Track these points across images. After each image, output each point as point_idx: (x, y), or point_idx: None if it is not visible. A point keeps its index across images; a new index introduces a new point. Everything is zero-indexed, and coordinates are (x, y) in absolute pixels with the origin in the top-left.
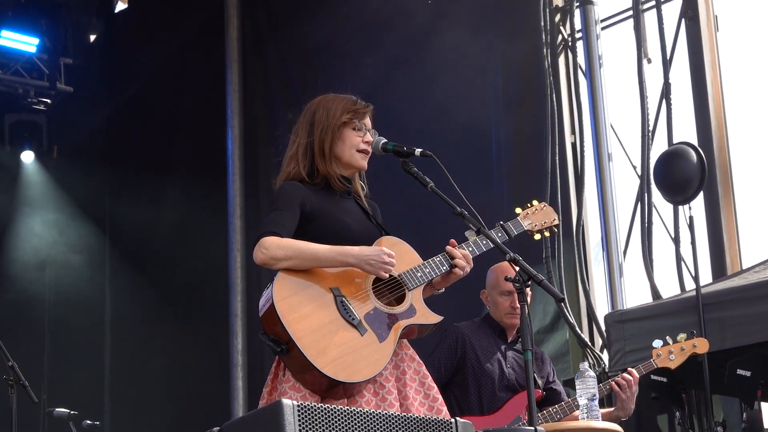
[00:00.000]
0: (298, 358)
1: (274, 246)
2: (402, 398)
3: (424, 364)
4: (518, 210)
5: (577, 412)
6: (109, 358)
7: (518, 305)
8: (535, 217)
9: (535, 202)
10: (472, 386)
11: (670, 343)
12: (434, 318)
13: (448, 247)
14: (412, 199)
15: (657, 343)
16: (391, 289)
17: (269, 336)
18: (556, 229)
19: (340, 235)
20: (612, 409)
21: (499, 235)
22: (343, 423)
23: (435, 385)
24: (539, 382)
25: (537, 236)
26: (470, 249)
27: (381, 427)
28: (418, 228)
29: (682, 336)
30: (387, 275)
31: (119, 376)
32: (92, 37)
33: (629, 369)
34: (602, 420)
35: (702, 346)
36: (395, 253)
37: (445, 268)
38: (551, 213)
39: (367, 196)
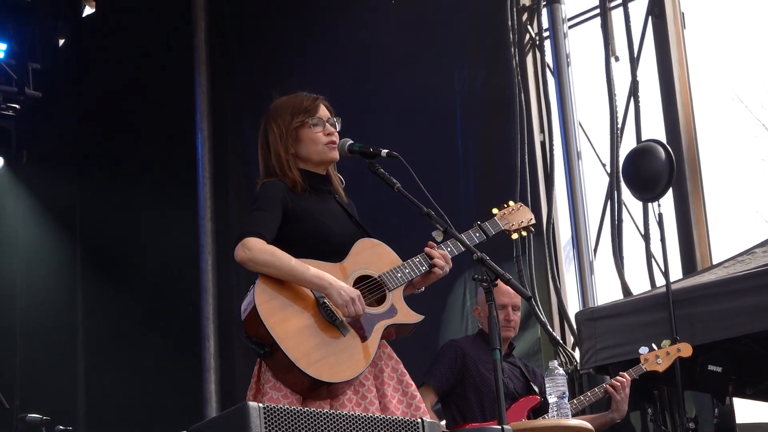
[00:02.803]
0: (282, 360)
1: (258, 249)
2: (380, 396)
3: (401, 363)
4: (495, 210)
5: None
6: (82, 363)
7: (512, 318)
8: (512, 216)
9: (511, 203)
10: (473, 395)
11: (656, 349)
12: (415, 317)
13: (427, 248)
14: (377, 200)
15: (643, 350)
16: (371, 290)
17: (252, 339)
18: (533, 229)
19: (320, 236)
20: (604, 413)
21: (477, 234)
22: (309, 425)
23: (413, 383)
24: (535, 389)
25: (515, 236)
26: (449, 249)
27: (348, 428)
28: (383, 229)
29: (666, 342)
30: (344, 318)
31: (92, 381)
32: (61, 42)
33: (621, 372)
34: (594, 424)
35: (686, 350)
36: (375, 255)
37: (424, 268)
38: (527, 213)
39: (342, 186)
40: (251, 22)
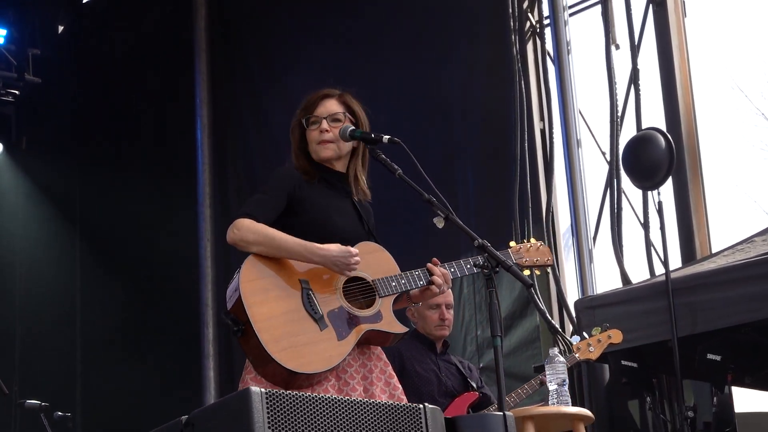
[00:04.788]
0: (252, 341)
1: (246, 228)
2: (368, 396)
3: (390, 365)
4: (512, 244)
5: None
6: (80, 349)
7: (446, 317)
8: (528, 254)
9: (533, 240)
10: (413, 396)
11: (587, 337)
12: (399, 328)
13: (429, 264)
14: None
15: (575, 339)
16: (363, 292)
17: (230, 315)
18: (548, 270)
19: (325, 230)
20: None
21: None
22: (310, 409)
23: (399, 386)
24: (473, 385)
25: (526, 272)
26: (452, 270)
27: (348, 413)
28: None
29: (597, 329)
30: (350, 274)
31: (90, 367)
32: (60, 28)
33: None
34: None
35: (616, 336)
36: (374, 260)
37: (422, 282)
38: (546, 254)
39: (367, 200)
40: (251, 14)
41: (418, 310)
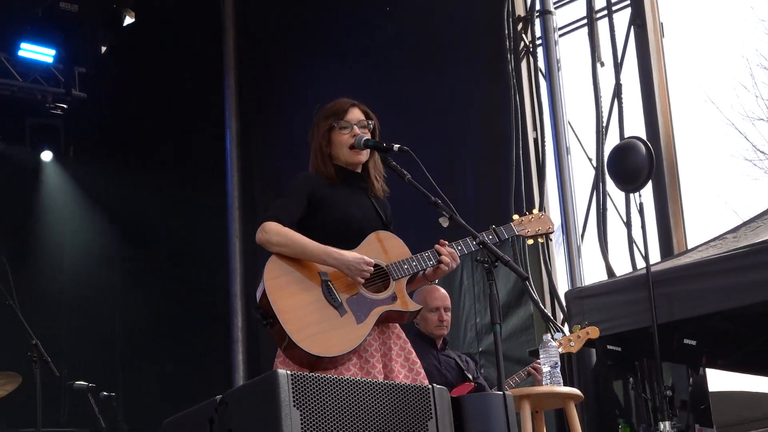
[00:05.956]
0: (280, 332)
1: (273, 231)
2: (387, 371)
3: (408, 342)
4: (515, 217)
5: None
6: (121, 337)
7: (444, 319)
8: (530, 224)
9: (534, 211)
10: None
11: (569, 334)
12: (413, 306)
13: (437, 245)
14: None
15: (558, 335)
16: (379, 277)
17: (259, 310)
18: (551, 238)
19: (345, 225)
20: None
21: (490, 237)
22: (331, 389)
23: (418, 361)
24: (469, 377)
25: (530, 241)
26: (459, 248)
27: (365, 392)
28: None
29: (576, 327)
30: (362, 281)
31: (131, 353)
32: (103, 48)
33: (537, 360)
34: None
35: (593, 332)
36: (386, 247)
37: (432, 262)
38: (547, 222)
39: (386, 194)
40: (275, 35)
41: (421, 313)
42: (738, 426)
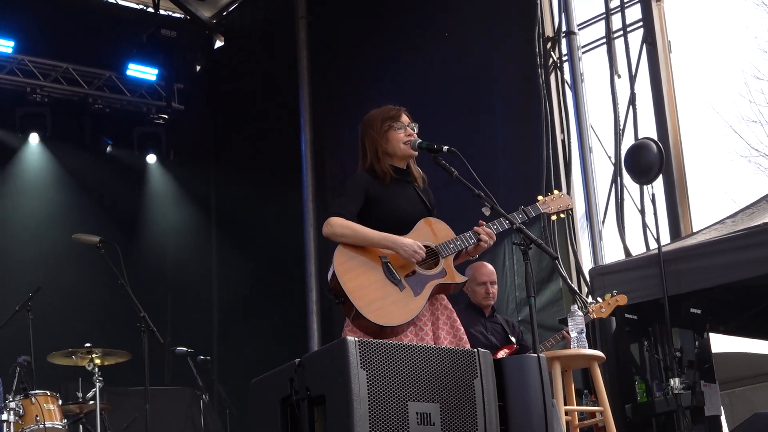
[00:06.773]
0: (351, 308)
1: (338, 225)
2: (435, 338)
3: (454, 312)
4: (539, 197)
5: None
6: (216, 310)
7: (491, 291)
8: (553, 203)
9: (556, 191)
10: None
11: (600, 301)
12: (460, 278)
13: (476, 227)
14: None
15: (591, 301)
16: (430, 256)
17: (332, 291)
18: (571, 213)
19: (395, 214)
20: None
21: (520, 216)
22: (392, 353)
23: (462, 328)
24: (513, 339)
25: (553, 217)
26: (495, 227)
27: (420, 355)
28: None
29: (608, 295)
30: (415, 262)
31: (224, 323)
32: (198, 67)
33: (564, 332)
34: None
35: (622, 299)
36: (434, 230)
37: (473, 240)
38: (567, 200)
39: (425, 182)
40: (342, 52)
41: (470, 286)
42: (737, 381)
